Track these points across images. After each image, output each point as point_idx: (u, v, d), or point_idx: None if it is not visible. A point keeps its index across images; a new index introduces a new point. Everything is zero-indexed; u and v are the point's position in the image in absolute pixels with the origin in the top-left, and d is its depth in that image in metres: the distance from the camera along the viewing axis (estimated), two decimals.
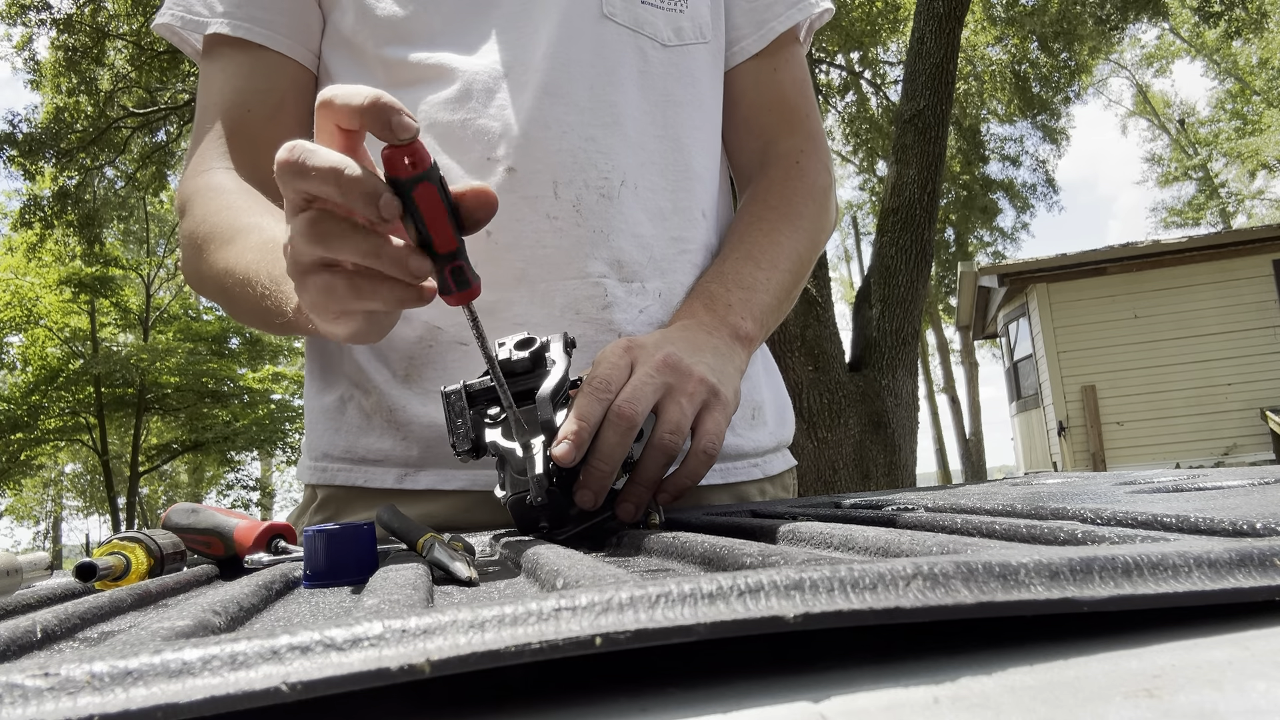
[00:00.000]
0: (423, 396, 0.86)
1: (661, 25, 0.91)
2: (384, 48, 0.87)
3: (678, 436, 0.64)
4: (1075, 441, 9.61)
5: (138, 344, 16.64)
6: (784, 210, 0.93)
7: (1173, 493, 0.54)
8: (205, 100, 0.92)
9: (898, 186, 5.24)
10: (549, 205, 0.83)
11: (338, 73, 0.91)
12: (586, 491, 0.60)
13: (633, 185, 0.87)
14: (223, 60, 0.91)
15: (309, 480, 0.93)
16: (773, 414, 1.00)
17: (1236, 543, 0.25)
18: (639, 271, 0.87)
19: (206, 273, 0.83)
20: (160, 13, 0.92)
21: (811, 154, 0.99)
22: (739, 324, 0.80)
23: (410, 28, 0.86)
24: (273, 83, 0.90)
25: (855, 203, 23.90)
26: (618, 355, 0.66)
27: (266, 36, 0.89)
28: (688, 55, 0.93)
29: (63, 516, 25.48)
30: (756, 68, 1.00)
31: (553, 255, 0.83)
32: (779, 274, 0.88)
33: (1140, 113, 25.42)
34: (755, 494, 0.96)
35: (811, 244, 0.94)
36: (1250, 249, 9.52)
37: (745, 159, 1.01)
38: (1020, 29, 13.35)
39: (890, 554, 0.38)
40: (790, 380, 4.80)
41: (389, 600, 0.32)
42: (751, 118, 1.00)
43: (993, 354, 21.88)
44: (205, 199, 0.85)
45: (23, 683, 0.18)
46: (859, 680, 0.21)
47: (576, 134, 0.84)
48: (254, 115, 0.90)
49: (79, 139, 10.01)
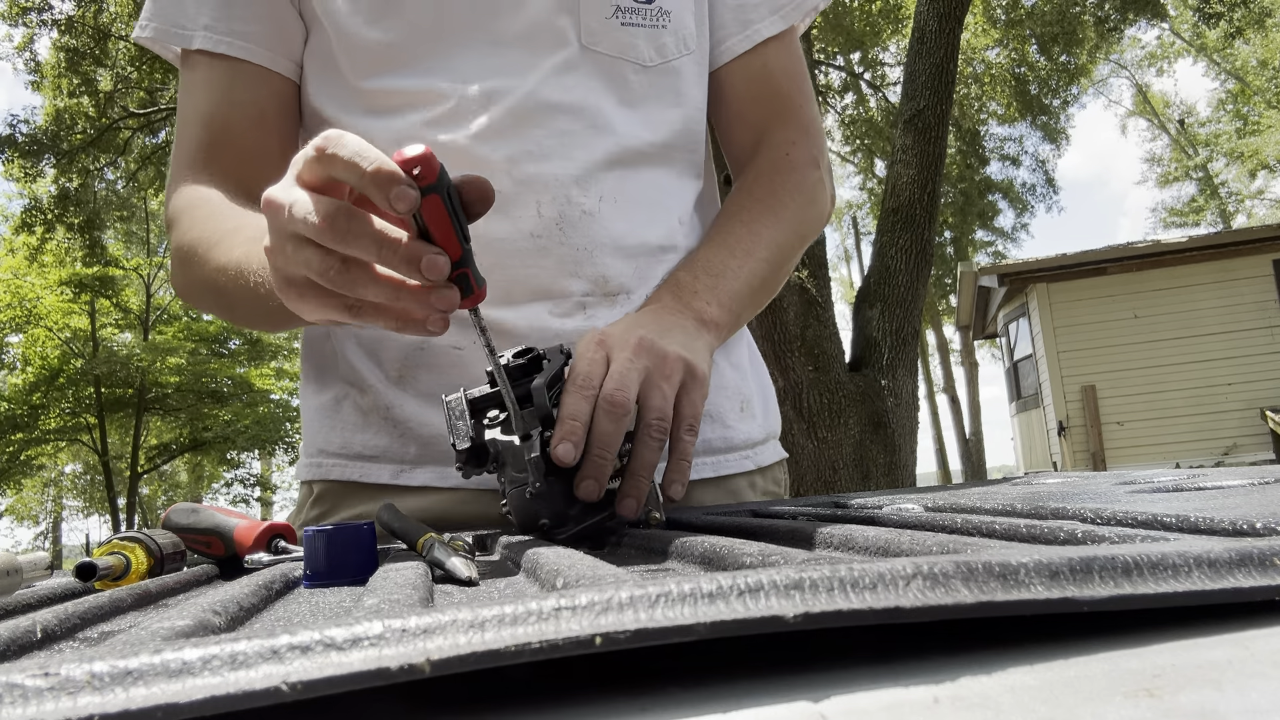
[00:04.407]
0: (418, 398, 0.86)
1: (643, 46, 0.90)
2: (363, 75, 0.87)
3: (664, 421, 0.65)
4: (1075, 441, 9.61)
5: (138, 344, 16.64)
6: (768, 201, 0.93)
7: (1173, 493, 0.54)
8: (186, 112, 0.92)
9: (898, 186, 5.24)
10: (532, 224, 0.84)
11: (316, 91, 0.91)
12: (590, 481, 0.60)
13: (613, 199, 0.87)
14: (204, 71, 0.90)
15: (305, 476, 0.94)
16: (760, 405, 1.00)
17: (1236, 543, 0.25)
18: (624, 284, 0.88)
19: (197, 278, 0.83)
20: (141, 23, 0.92)
21: (803, 145, 0.98)
22: (703, 309, 0.80)
23: (389, 55, 0.86)
24: (254, 94, 0.90)
25: (855, 203, 23.89)
26: (592, 350, 0.66)
27: (249, 50, 0.89)
28: (671, 70, 0.92)
29: (63, 516, 25.48)
30: (746, 63, 0.98)
31: (537, 275, 0.84)
32: (753, 262, 0.87)
33: (1140, 113, 25.42)
34: (746, 486, 0.96)
35: (795, 234, 0.93)
36: (1250, 249, 9.52)
37: (739, 152, 1.01)
38: (1020, 31, 13.35)
39: (890, 554, 0.38)
40: (790, 380, 4.80)
41: (389, 600, 0.32)
42: (744, 112, 0.99)
43: (993, 354, 21.88)
44: (192, 209, 0.85)
45: (23, 683, 0.18)
46: (859, 680, 0.21)
47: (559, 155, 0.85)
48: (237, 127, 0.90)
49: (80, 140, 10.01)
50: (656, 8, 0.90)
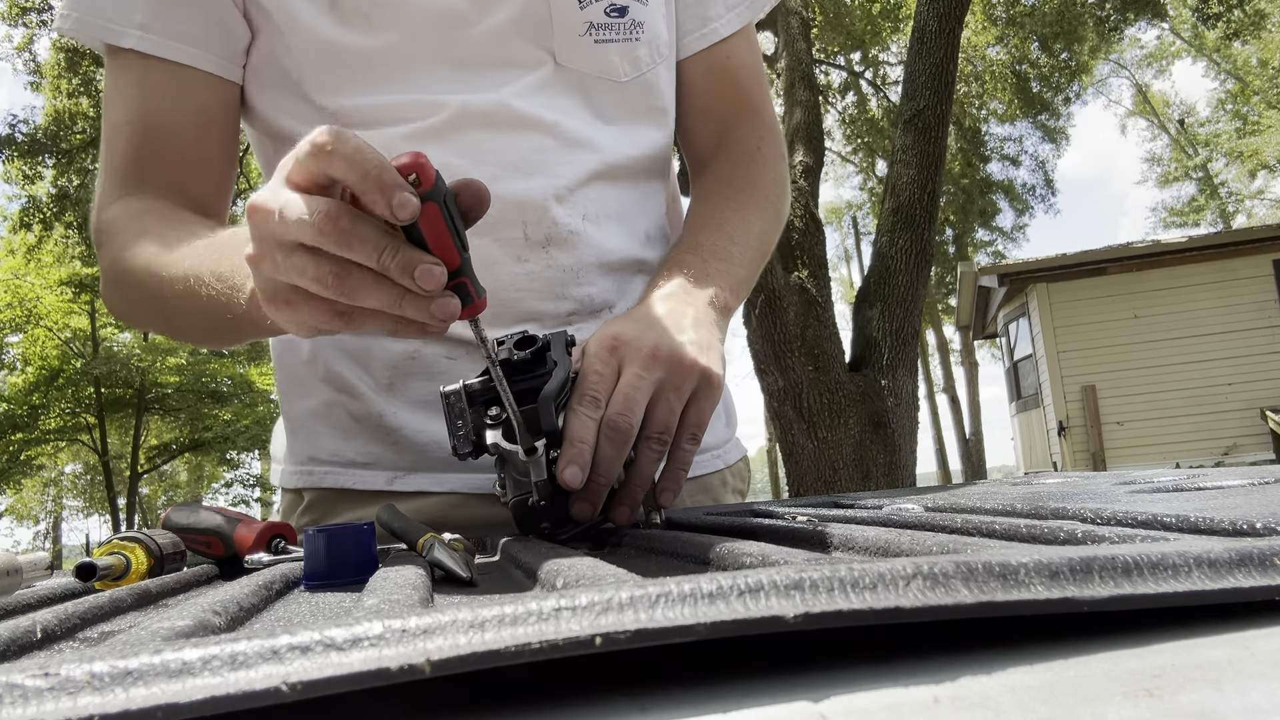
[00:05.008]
0: (410, 405, 0.84)
1: (618, 62, 0.88)
2: (332, 93, 0.82)
3: (666, 435, 0.64)
4: (1075, 441, 9.61)
5: (138, 344, 16.64)
6: (750, 191, 0.92)
7: (1173, 493, 0.54)
8: (116, 116, 0.84)
9: (898, 186, 5.25)
10: (519, 248, 0.82)
11: (269, 104, 0.85)
12: (584, 504, 0.60)
13: (594, 217, 0.86)
14: (136, 72, 0.83)
15: (294, 485, 0.90)
16: (723, 405, 1.01)
17: (1236, 543, 0.25)
18: (607, 299, 0.87)
19: (138, 295, 0.78)
20: (61, 11, 0.83)
21: (771, 143, 0.98)
22: (718, 294, 0.79)
23: (362, 71, 0.82)
24: (199, 101, 0.84)
25: (855, 203, 23.91)
26: (603, 359, 0.64)
27: (188, 54, 0.82)
28: (645, 81, 0.91)
29: (63, 516, 25.49)
30: (709, 57, 0.97)
31: (525, 298, 0.83)
32: (749, 251, 0.87)
33: (1140, 112, 25.42)
34: (718, 484, 0.97)
35: (774, 227, 0.94)
36: (1250, 249, 9.52)
37: (701, 146, 1.00)
38: (1020, 29, 13.36)
39: (890, 554, 0.38)
40: (790, 380, 4.81)
41: (389, 600, 0.32)
42: (709, 106, 0.98)
43: (993, 354, 21.87)
44: (128, 224, 0.80)
45: (23, 683, 0.18)
46: (859, 680, 0.21)
47: (544, 172, 0.83)
48: (175, 135, 0.84)
49: (80, 140, 10.01)
50: (630, 20, 0.88)
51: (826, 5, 12.63)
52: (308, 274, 0.51)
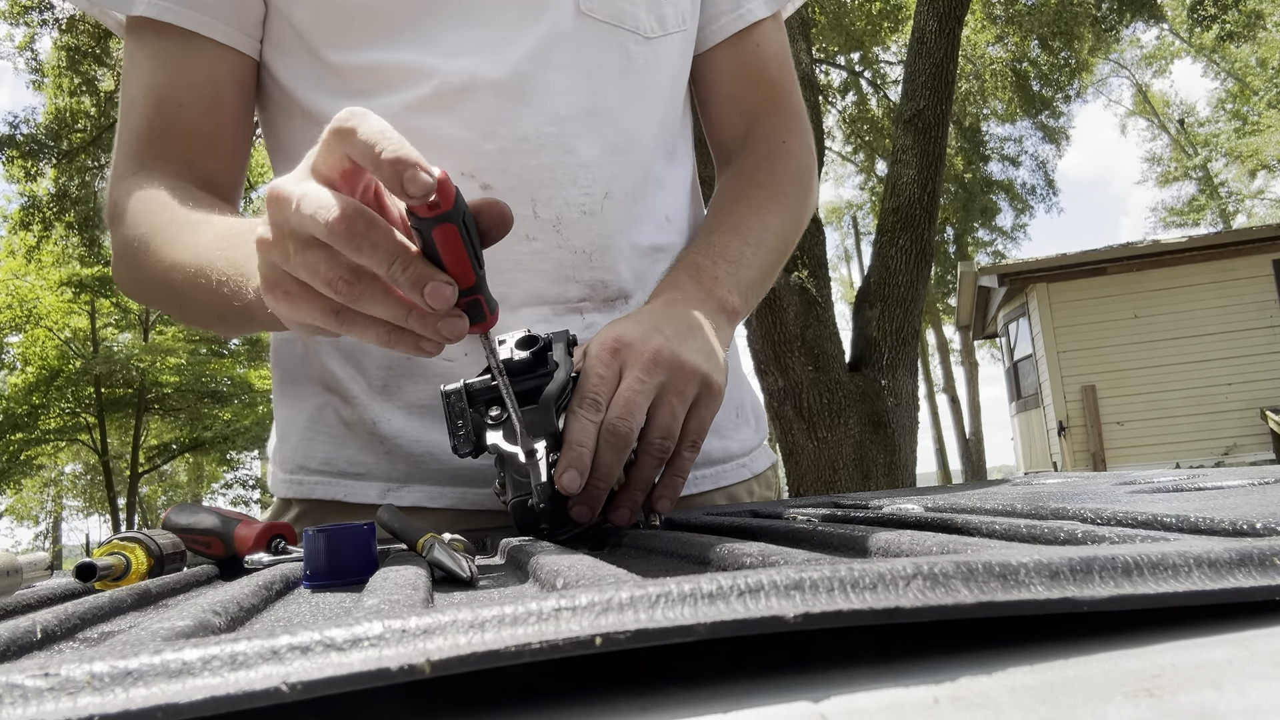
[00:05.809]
0: (405, 410, 0.82)
1: (644, 16, 0.84)
2: (340, 48, 0.79)
3: (669, 440, 0.63)
4: (1075, 441, 9.61)
5: (138, 344, 16.64)
6: (771, 189, 0.90)
7: (1173, 493, 0.54)
8: (132, 91, 0.82)
9: (898, 186, 5.25)
10: (528, 225, 0.79)
11: (281, 69, 0.83)
12: (583, 507, 0.59)
13: (611, 196, 0.82)
14: (151, 44, 0.81)
15: (284, 494, 0.87)
16: (751, 410, 0.99)
17: (1236, 543, 0.25)
18: (623, 288, 0.84)
19: (149, 274, 0.76)
20: None
21: (798, 135, 0.96)
22: (726, 297, 0.77)
23: (361, 21, 0.79)
24: (209, 74, 0.81)
25: (855, 203, 23.91)
26: (605, 362, 0.63)
27: (201, 22, 0.79)
28: (668, 46, 0.87)
29: (63, 516, 25.47)
30: (738, 43, 0.95)
31: (533, 279, 0.80)
32: (765, 251, 0.85)
33: (1140, 112, 25.42)
34: (745, 495, 0.94)
35: (795, 225, 0.91)
36: (1250, 249, 9.52)
37: (728, 137, 0.97)
38: (1020, 28, 13.36)
39: (890, 554, 0.38)
40: (790, 380, 4.80)
41: (389, 600, 0.32)
42: (737, 95, 0.96)
43: (993, 354, 21.88)
44: (141, 202, 0.78)
45: (23, 683, 0.18)
46: (859, 680, 0.21)
47: (555, 146, 0.79)
48: (188, 110, 0.81)
49: (80, 140, 10.01)
50: None
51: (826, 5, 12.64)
52: (319, 273, 0.49)
